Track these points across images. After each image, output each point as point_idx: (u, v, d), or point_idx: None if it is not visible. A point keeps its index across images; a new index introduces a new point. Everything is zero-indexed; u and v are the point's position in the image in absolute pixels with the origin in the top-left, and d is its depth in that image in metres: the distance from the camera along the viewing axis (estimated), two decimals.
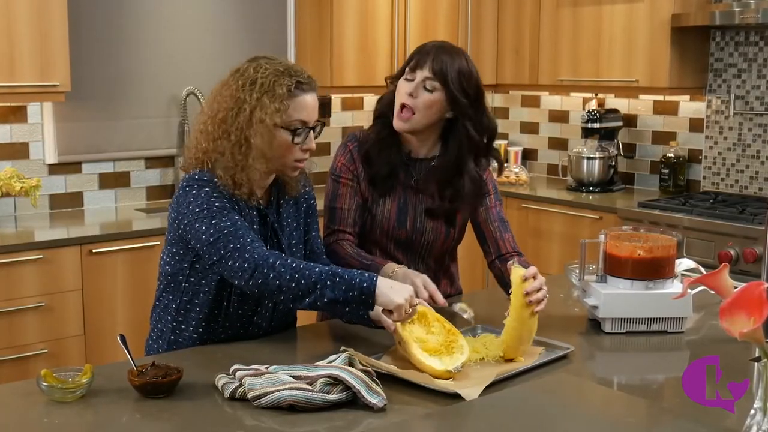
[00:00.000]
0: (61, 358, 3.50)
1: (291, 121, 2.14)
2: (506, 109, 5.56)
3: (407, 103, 2.40)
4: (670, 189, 4.56)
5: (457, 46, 2.52)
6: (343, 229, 2.49)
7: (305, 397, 1.76)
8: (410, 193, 2.52)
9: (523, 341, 2.10)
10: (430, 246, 2.56)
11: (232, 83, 2.16)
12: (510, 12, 5.01)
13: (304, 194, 2.37)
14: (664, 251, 2.32)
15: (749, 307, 1.36)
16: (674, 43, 4.28)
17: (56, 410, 1.77)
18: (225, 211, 2.11)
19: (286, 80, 2.13)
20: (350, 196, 2.50)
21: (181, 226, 2.15)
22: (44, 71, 3.63)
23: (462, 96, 2.40)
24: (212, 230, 2.08)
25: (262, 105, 2.11)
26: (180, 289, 2.23)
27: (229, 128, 2.13)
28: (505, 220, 2.58)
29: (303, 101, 2.16)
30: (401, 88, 2.43)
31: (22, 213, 3.94)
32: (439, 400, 1.83)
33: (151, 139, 4.31)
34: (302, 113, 2.16)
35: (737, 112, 4.41)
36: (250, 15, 4.54)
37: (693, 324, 2.41)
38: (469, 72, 2.42)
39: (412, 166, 2.52)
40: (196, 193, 2.13)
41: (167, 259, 2.25)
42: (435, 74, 2.38)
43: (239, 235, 2.08)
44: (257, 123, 2.11)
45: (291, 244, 2.31)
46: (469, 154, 2.47)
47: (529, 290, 2.10)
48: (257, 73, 2.14)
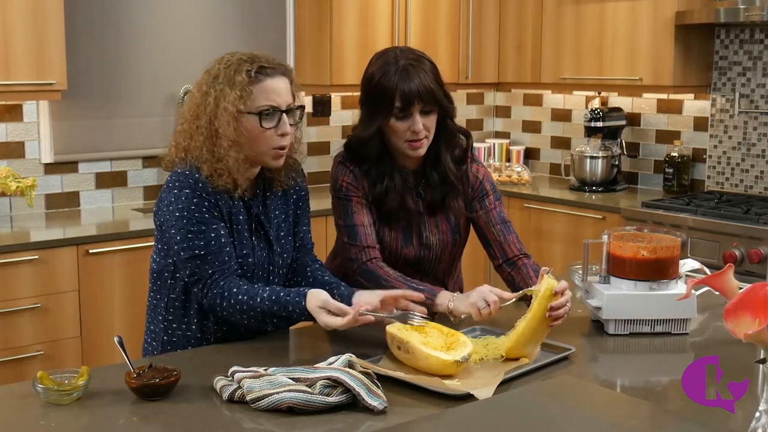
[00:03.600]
0: (57, 359, 3.50)
1: (257, 107, 2.15)
2: (508, 107, 5.55)
3: (420, 136, 2.38)
4: (674, 189, 4.55)
5: (403, 46, 2.53)
6: (372, 245, 2.43)
7: (304, 400, 1.75)
8: (413, 210, 2.50)
9: (528, 346, 2.10)
10: (439, 258, 2.54)
11: (202, 82, 2.21)
12: (512, 9, 5.00)
13: (294, 186, 2.36)
14: (668, 252, 2.31)
15: (754, 308, 1.35)
16: (678, 41, 4.27)
17: (52, 412, 1.76)
18: (203, 225, 2.14)
19: (246, 66, 2.16)
20: (366, 213, 2.46)
21: (163, 224, 2.18)
22: (40, 69, 3.62)
23: (447, 101, 2.42)
24: (186, 245, 2.13)
25: (224, 94, 2.14)
26: (167, 286, 2.24)
27: (200, 122, 2.16)
28: (507, 221, 2.54)
29: (268, 85, 2.16)
30: (398, 127, 2.38)
31: (17, 213, 3.93)
32: (440, 403, 1.83)
33: (148, 138, 4.29)
34: (268, 97, 2.16)
35: (742, 111, 4.40)
36: (249, 13, 4.53)
37: (697, 325, 2.40)
38: (438, 73, 2.42)
39: (410, 180, 2.49)
40: (178, 193, 2.15)
41: (154, 255, 2.27)
42: (427, 99, 2.36)
43: (207, 261, 2.14)
44: (222, 112, 2.14)
45: (279, 236, 2.31)
46: (447, 149, 2.48)
47: (555, 305, 2.10)
48: (220, 65, 2.18)
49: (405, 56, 2.39)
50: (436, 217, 2.52)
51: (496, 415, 1.72)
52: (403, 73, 2.35)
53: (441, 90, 2.40)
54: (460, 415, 1.72)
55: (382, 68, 2.38)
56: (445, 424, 1.72)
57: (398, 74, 2.35)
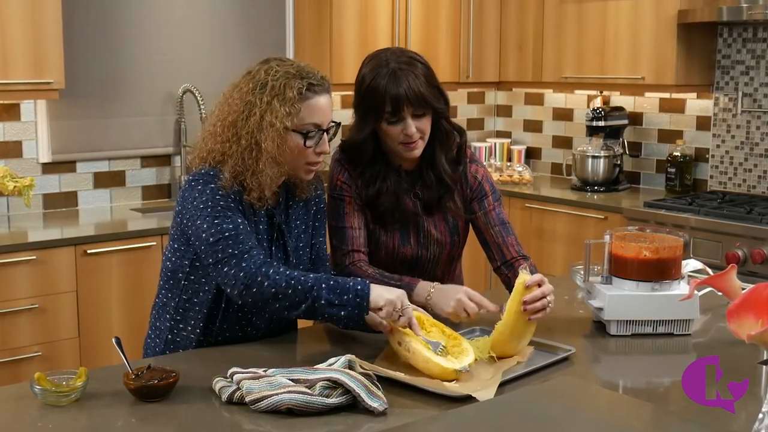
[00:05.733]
0: (55, 360, 3.49)
1: (303, 125, 2.12)
2: (509, 106, 5.54)
3: (413, 138, 2.36)
4: (677, 188, 4.54)
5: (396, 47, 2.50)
6: (357, 249, 2.43)
7: (304, 401, 1.75)
8: (410, 211, 2.48)
9: (511, 342, 2.10)
10: (437, 258, 2.53)
11: (243, 86, 2.15)
12: (513, 7, 5.00)
13: (314, 197, 2.34)
14: (670, 252, 2.30)
15: (757, 309, 1.36)
16: (681, 40, 4.26)
17: (50, 414, 1.76)
18: (228, 212, 2.09)
19: (297, 82, 2.11)
20: (357, 215, 2.45)
21: (184, 221, 2.14)
22: (38, 68, 3.61)
23: (440, 102, 2.39)
24: (213, 230, 2.07)
25: (272, 109, 2.09)
26: (179, 287, 2.22)
27: (240, 132, 2.11)
28: (506, 222, 2.52)
29: (315, 104, 2.13)
30: (391, 131, 2.36)
31: (15, 213, 3.92)
32: (440, 404, 1.82)
33: (147, 138, 4.28)
34: (315, 116, 2.14)
35: (745, 110, 4.39)
36: (248, 11, 4.52)
37: (700, 326, 2.39)
38: (432, 74, 2.39)
39: (407, 180, 2.48)
40: (202, 188, 2.12)
41: (169, 255, 2.24)
42: (417, 103, 2.33)
43: (239, 240, 2.07)
44: (267, 127, 2.09)
45: (298, 247, 2.29)
46: (441, 150, 2.45)
47: (527, 299, 2.10)
48: (268, 76, 2.12)
49: (396, 59, 2.36)
50: (434, 218, 2.50)
51: (496, 417, 1.71)
52: (392, 78, 2.32)
53: (434, 92, 2.37)
54: (461, 417, 1.72)
55: (373, 71, 2.36)
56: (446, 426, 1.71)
57: (387, 78, 2.32)
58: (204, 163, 2.17)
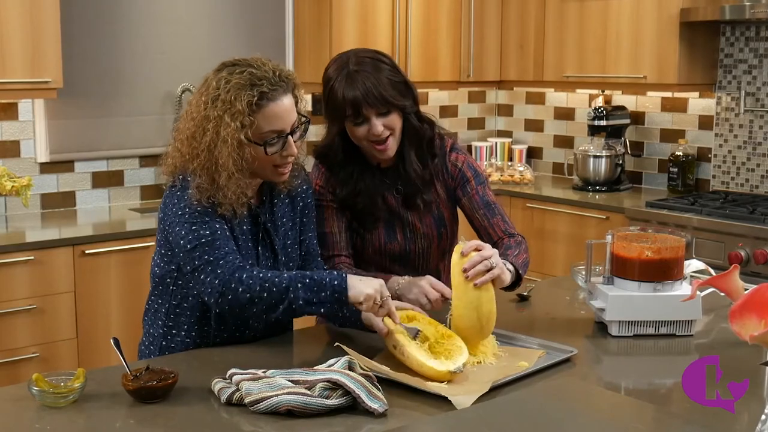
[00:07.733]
0: (52, 361, 3.48)
1: (261, 134, 2.05)
2: (510, 106, 5.53)
3: (381, 137, 2.34)
4: (679, 188, 4.54)
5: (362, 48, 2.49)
6: (338, 253, 2.43)
7: (304, 402, 1.74)
8: (393, 207, 2.48)
9: (471, 315, 2.07)
10: (426, 252, 2.52)
11: (199, 97, 2.09)
12: (514, 6, 4.99)
13: (300, 192, 2.31)
14: (672, 252, 2.29)
15: (760, 309, 1.36)
16: (683, 39, 4.26)
17: (48, 415, 1.75)
18: (206, 217, 2.07)
19: (247, 94, 2.01)
20: (337, 219, 2.45)
21: (166, 227, 2.13)
22: (36, 67, 3.60)
23: (406, 100, 2.36)
24: (191, 236, 2.05)
25: (224, 123, 2.01)
26: (168, 292, 2.20)
27: (198, 149, 2.06)
28: (491, 203, 2.50)
29: (270, 111, 2.05)
30: (357, 132, 2.35)
31: (12, 213, 3.91)
32: (440, 405, 1.82)
33: (145, 137, 4.27)
34: (273, 123, 2.06)
35: (748, 110, 4.38)
36: (248, 10, 4.51)
37: (702, 327, 2.38)
38: (396, 73, 2.36)
39: (387, 177, 2.47)
40: (180, 194, 2.10)
41: (157, 260, 2.22)
42: (377, 104, 2.30)
43: (216, 246, 2.04)
44: (221, 143, 2.02)
45: (286, 244, 2.26)
46: (410, 145, 2.43)
47: (466, 266, 2.09)
48: (219, 89, 2.04)
49: (356, 60, 2.33)
50: (419, 211, 2.50)
51: (497, 418, 1.71)
52: (348, 80, 2.30)
53: (398, 88, 2.34)
54: (461, 418, 1.72)
55: (335, 73, 2.34)
56: (446, 427, 1.72)
57: (345, 81, 2.30)
58: (171, 178, 2.13)
